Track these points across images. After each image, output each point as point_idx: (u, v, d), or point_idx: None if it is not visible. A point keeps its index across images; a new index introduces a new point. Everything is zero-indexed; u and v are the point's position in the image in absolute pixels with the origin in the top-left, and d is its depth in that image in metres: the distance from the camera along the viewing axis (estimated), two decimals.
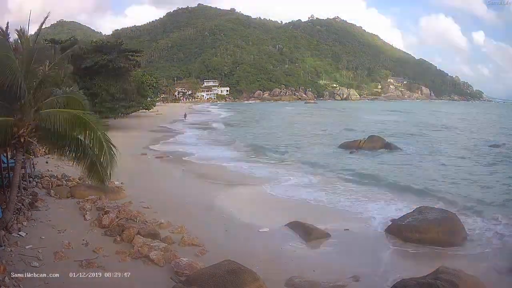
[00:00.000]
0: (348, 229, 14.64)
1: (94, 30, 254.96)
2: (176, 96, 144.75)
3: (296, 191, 20.41)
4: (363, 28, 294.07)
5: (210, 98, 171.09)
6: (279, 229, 14.71)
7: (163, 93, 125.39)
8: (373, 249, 13.10)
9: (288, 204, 18.16)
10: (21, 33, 11.83)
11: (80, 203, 15.52)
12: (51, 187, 17.54)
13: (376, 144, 36.40)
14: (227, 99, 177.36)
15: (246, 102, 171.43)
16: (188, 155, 31.58)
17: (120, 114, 50.06)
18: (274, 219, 15.56)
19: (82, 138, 11.62)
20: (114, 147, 11.78)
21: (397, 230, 14.31)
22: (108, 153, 11.41)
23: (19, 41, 12.18)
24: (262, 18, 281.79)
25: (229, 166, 27.38)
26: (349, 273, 11.06)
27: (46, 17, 12.88)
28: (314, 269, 11.39)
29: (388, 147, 36.12)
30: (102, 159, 11.49)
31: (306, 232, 14.09)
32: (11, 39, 12.43)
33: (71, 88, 12.98)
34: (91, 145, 11.48)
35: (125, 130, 43.11)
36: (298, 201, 18.60)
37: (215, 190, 19.95)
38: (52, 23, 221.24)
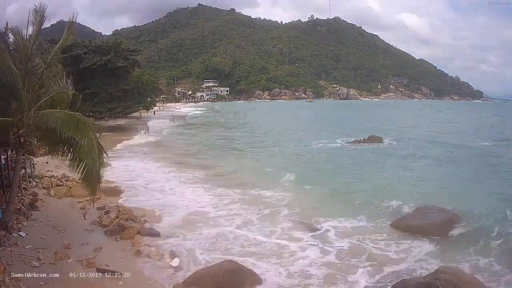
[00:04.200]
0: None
1: (94, 30, 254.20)
2: (176, 96, 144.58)
3: None
4: (363, 28, 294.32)
5: (210, 98, 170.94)
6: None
7: (163, 94, 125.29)
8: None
9: None
10: (17, 32, 11.68)
11: (80, 203, 15.52)
12: (51, 187, 17.53)
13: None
14: (227, 99, 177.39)
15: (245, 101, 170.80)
16: None
17: (118, 114, 49.97)
18: None
19: (78, 139, 11.34)
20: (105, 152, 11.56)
21: (398, 229, 14.29)
22: (99, 156, 11.02)
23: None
24: (262, 18, 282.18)
25: None
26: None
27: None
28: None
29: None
30: (94, 162, 10.95)
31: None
32: (10, 39, 12.41)
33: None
34: (84, 145, 11.05)
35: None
36: None
37: None
38: (52, 23, 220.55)
